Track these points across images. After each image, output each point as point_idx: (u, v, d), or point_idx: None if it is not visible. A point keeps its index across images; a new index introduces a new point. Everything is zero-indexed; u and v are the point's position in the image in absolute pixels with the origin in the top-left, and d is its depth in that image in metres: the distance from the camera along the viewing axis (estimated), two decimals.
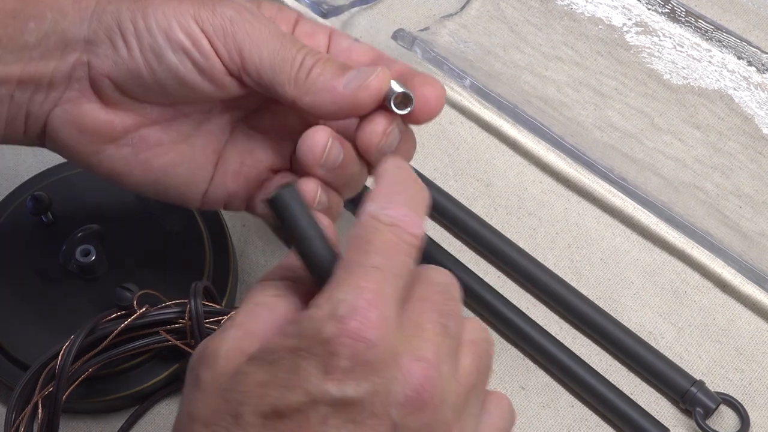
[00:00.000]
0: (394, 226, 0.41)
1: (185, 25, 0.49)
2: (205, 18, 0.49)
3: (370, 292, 0.39)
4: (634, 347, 0.62)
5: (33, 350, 0.59)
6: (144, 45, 0.49)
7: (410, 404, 0.39)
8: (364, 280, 0.39)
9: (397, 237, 0.41)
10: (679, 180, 0.68)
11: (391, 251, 0.41)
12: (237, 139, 0.55)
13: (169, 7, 0.49)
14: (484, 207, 0.69)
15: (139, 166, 0.53)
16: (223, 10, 0.49)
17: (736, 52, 0.72)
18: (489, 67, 0.74)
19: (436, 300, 0.42)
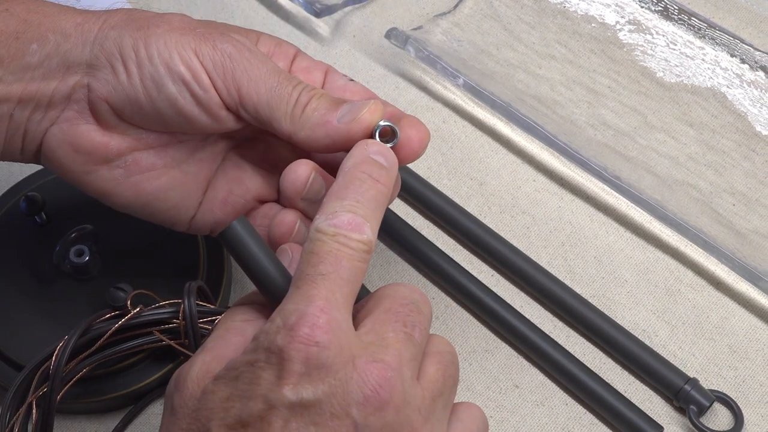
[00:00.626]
0: (337, 235, 0.43)
1: (186, 58, 0.50)
2: (205, 53, 0.50)
3: (319, 298, 0.41)
4: (627, 345, 0.62)
5: (27, 351, 0.59)
6: (144, 73, 0.50)
7: (369, 403, 0.40)
8: (313, 288, 0.42)
9: (342, 244, 0.43)
10: (673, 178, 0.68)
11: (337, 259, 0.43)
12: (227, 168, 0.56)
13: (171, 38, 0.50)
14: (477, 205, 0.69)
15: (130, 188, 0.54)
16: (223, 46, 0.50)
17: (729, 49, 0.72)
18: (482, 65, 0.74)
19: (400, 311, 0.44)
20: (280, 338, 0.40)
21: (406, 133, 0.50)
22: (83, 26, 0.50)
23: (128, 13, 0.51)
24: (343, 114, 0.50)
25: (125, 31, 0.50)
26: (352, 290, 0.43)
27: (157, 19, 0.51)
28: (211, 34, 0.51)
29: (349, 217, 0.44)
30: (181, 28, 0.50)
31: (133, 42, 0.50)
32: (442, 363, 0.45)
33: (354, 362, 0.41)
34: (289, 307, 0.41)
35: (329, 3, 0.77)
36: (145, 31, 0.50)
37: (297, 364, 0.40)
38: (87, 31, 0.50)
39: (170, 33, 0.50)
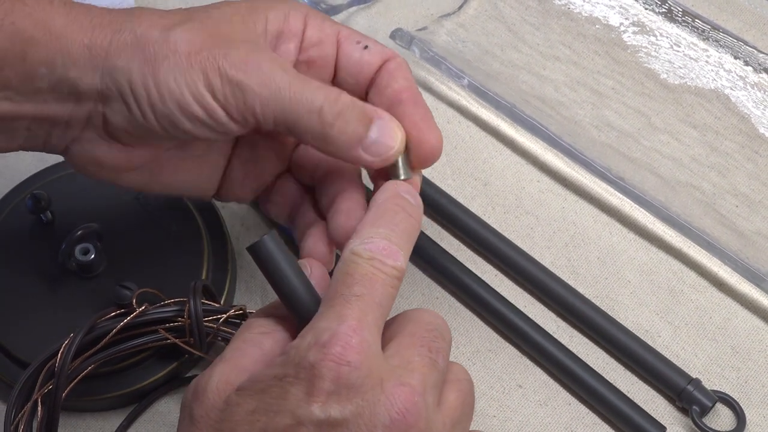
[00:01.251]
0: (373, 259, 0.45)
1: (198, 96, 0.49)
2: (217, 86, 0.49)
3: (352, 318, 0.42)
4: (630, 345, 0.62)
5: (32, 348, 0.59)
6: (158, 112, 0.50)
7: (395, 426, 0.41)
8: (346, 308, 0.42)
9: (377, 269, 0.44)
10: (676, 179, 0.68)
11: (371, 282, 0.44)
12: (242, 151, 0.57)
13: (180, 71, 0.49)
14: (481, 206, 0.69)
15: (156, 183, 0.56)
16: (232, 75, 0.49)
17: (733, 51, 0.72)
18: (487, 66, 0.74)
19: (425, 337, 0.45)
20: (312, 355, 0.41)
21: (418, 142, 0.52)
22: (91, 50, 0.49)
23: (134, 36, 0.49)
24: (371, 143, 0.50)
25: (133, 62, 0.49)
26: (383, 314, 0.44)
27: (164, 46, 0.49)
28: (218, 56, 0.49)
29: (384, 244, 0.45)
30: (188, 53, 0.49)
31: (143, 79, 0.49)
32: (462, 391, 0.46)
33: (382, 385, 0.41)
34: (322, 324, 0.42)
35: (334, 3, 0.77)
36: (152, 65, 0.49)
37: (327, 382, 0.40)
38: (95, 56, 0.49)
39: (178, 65, 0.49)
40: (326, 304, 0.44)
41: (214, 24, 0.51)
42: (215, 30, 0.50)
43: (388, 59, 0.54)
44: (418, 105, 0.53)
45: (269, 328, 0.46)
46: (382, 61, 0.53)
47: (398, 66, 0.54)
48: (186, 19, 0.50)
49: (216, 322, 0.58)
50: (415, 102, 0.53)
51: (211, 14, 0.51)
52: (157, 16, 0.50)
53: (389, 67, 0.54)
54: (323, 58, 0.54)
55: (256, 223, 0.69)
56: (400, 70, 0.54)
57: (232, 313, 0.58)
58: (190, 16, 0.51)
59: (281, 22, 0.53)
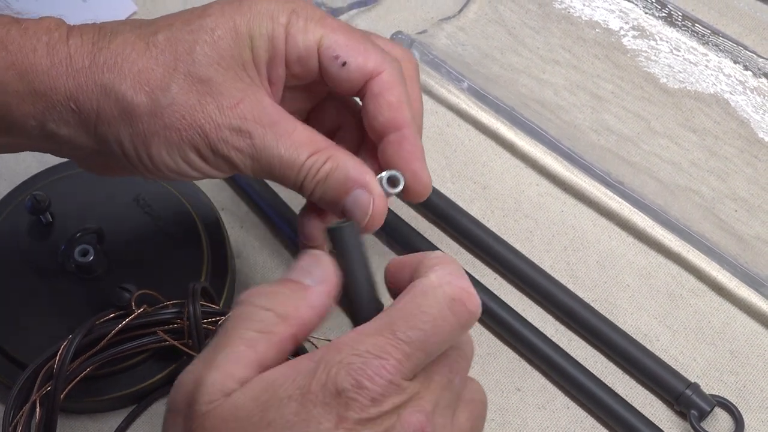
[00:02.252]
0: (457, 301, 0.43)
1: (192, 162, 0.49)
2: (209, 159, 0.49)
3: (394, 360, 0.41)
4: (629, 349, 0.62)
5: (31, 349, 0.59)
6: (153, 172, 0.50)
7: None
8: (394, 347, 0.42)
9: (454, 314, 0.43)
10: (675, 183, 0.68)
11: (437, 330, 0.43)
12: None
13: (172, 147, 0.48)
14: (480, 209, 0.69)
15: None
16: (224, 152, 0.49)
17: (733, 56, 0.72)
18: (486, 70, 0.74)
19: (450, 355, 0.44)
20: (341, 380, 0.40)
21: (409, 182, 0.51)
22: (80, 115, 0.48)
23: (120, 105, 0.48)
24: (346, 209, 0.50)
25: (124, 134, 0.48)
26: (428, 360, 0.43)
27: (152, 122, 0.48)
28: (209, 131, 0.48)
29: (468, 284, 0.44)
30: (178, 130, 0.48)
31: (136, 151, 0.49)
32: (473, 413, 0.46)
33: (400, 414, 0.41)
34: (361, 348, 0.41)
35: (334, 6, 0.77)
36: (143, 140, 0.48)
37: (356, 414, 0.40)
38: (86, 121, 0.48)
39: (170, 141, 0.48)
40: (380, 326, 0.42)
41: (201, 72, 0.48)
42: (204, 84, 0.48)
43: (379, 73, 0.50)
44: (409, 141, 0.51)
45: (268, 327, 0.43)
46: (365, 78, 0.50)
47: (390, 81, 0.51)
48: (171, 67, 0.48)
49: (215, 324, 0.58)
50: (406, 138, 0.51)
51: (196, 56, 0.48)
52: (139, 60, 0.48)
53: (382, 81, 0.50)
54: (309, 73, 0.51)
55: (255, 225, 0.69)
56: (392, 87, 0.50)
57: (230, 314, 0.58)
58: (176, 61, 0.48)
59: (267, 48, 0.49)
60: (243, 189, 0.70)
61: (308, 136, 0.50)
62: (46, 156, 0.69)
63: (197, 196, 0.67)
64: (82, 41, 0.48)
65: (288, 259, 0.68)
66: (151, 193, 0.66)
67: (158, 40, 0.48)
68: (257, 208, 0.70)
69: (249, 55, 0.49)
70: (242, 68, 0.49)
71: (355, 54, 0.50)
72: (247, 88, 0.49)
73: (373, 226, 0.50)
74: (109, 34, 0.49)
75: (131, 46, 0.48)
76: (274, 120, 0.49)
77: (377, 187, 0.50)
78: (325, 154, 0.49)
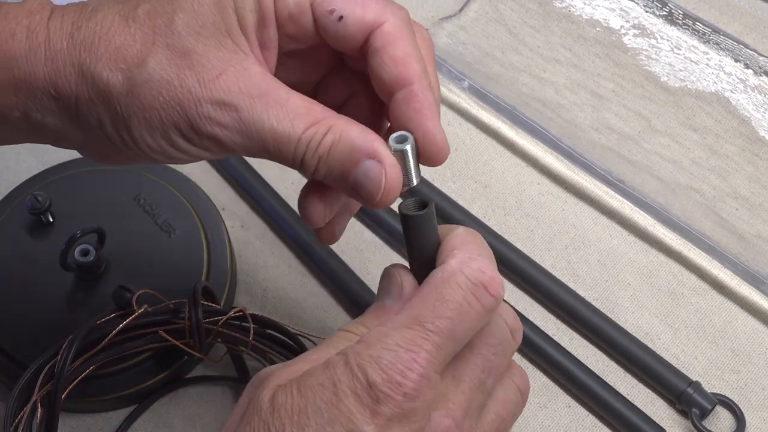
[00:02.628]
0: (478, 286, 0.43)
1: (177, 144, 0.46)
2: (194, 139, 0.45)
3: (425, 352, 0.41)
4: (630, 348, 0.62)
5: (32, 349, 0.59)
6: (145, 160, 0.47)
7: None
8: (423, 339, 0.41)
9: (476, 299, 0.43)
10: (676, 182, 0.68)
11: (462, 316, 0.42)
12: None
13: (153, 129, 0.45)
14: (482, 208, 0.69)
15: None
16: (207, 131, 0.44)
17: (733, 54, 0.72)
18: (487, 69, 0.74)
19: (484, 354, 0.44)
20: (372, 372, 0.40)
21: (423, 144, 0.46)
22: (60, 101, 0.46)
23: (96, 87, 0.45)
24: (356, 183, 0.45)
25: (105, 116, 0.45)
26: (458, 348, 0.43)
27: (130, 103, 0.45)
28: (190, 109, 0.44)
29: (490, 266, 0.44)
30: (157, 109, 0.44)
31: (115, 129, 0.46)
32: (501, 414, 0.45)
33: (430, 416, 0.41)
34: (390, 342, 0.41)
35: None
36: (124, 122, 0.45)
37: (389, 408, 0.40)
38: (62, 95, 0.45)
39: (150, 124, 0.45)
40: (406, 318, 0.42)
41: (180, 43, 0.44)
42: (184, 56, 0.44)
43: (380, 24, 0.45)
44: (417, 98, 0.45)
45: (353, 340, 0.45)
46: (365, 32, 0.45)
47: (393, 33, 0.45)
48: (149, 41, 0.45)
49: (216, 324, 0.58)
50: (414, 94, 0.45)
51: (175, 27, 0.45)
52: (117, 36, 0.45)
53: (384, 34, 0.45)
54: (304, 32, 0.46)
55: (256, 225, 0.69)
56: (396, 39, 0.45)
57: (231, 314, 0.58)
58: (154, 35, 0.45)
59: (253, 8, 0.45)
60: (244, 188, 0.70)
61: (304, 105, 0.45)
62: (46, 156, 0.70)
63: (198, 195, 0.67)
64: (62, 22, 0.45)
65: (289, 259, 0.68)
66: (151, 192, 0.66)
67: (138, 14, 0.45)
68: (258, 207, 0.70)
69: (233, 20, 0.45)
70: (226, 35, 0.45)
71: (352, 5, 0.45)
72: (231, 57, 0.45)
73: (389, 200, 0.45)
74: (88, 12, 0.46)
75: (110, 22, 0.45)
76: (263, 90, 0.44)
77: (389, 156, 0.44)
78: (324, 124, 0.44)
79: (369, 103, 0.49)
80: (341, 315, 0.65)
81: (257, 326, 0.59)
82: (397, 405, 0.40)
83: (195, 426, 0.61)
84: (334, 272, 0.66)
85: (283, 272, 0.67)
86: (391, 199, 0.45)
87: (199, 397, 0.62)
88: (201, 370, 0.63)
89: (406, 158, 0.45)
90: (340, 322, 0.65)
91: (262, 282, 0.67)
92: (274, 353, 0.59)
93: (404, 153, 0.44)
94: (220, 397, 0.62)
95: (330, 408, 0.40)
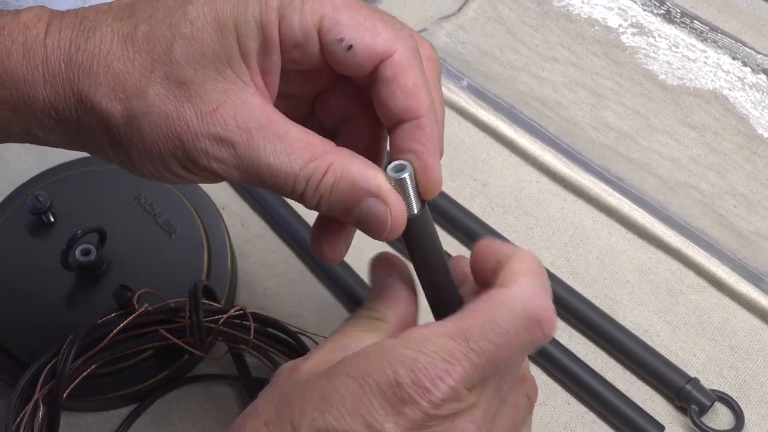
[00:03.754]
0: (534, 322, 0.42)
1: (178, 174, 0.45)
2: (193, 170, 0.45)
3: (461, 368, 0.40)
4: (629, 345, 0.62)
5: (33, 349, 0.59)
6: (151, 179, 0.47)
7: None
8: (463, 356, 0.40)
9: (529, 334, 0.42)
10: (675, 179, 0.68)
11: (511, 347, 0.42)
12: None
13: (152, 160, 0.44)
14: (481, 206, 0.69)
15: None
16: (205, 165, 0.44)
17: (731, 52, 0.73)
18: (486, 67, 0.74)
19: (500, 366, 0.43)
20: (403, 374, 0.40)
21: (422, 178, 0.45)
22: (61, 123, 0.45)
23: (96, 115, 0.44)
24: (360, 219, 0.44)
25: (102, 137, 0.45)
26: (495, 373, 0.42)
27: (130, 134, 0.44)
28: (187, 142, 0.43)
29: (550, 306, 0.43)
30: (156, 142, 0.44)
31: (117, 156, 0.45)
32: (513, 418, 0.45)
33: (454, 422, 0.41)
34: (429, 348, 0.40)
35: None
36: (126, 151, 0.45)
37: (415, 413, 0.40)
38: (63, 119, 0.45)
39: (149, 155, 0.44)
40: (452, 329, 0.41)
41: (179, 73, 0.43)
42: (181, 87, 0.43)
43: (390, 54, 0.44)
44: (424, 133, 0.44)
45: (370, 328, 0.45)
46: (375, 62, 0.44)
47: (403, 63, 0.44)
48: (148, 69, 0.43)
49: (216, 323, 0.58)
50: (422, 128, 0.44)
51: (174, 55, 0.43)
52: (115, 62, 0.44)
53: (394, 64, 0.44)
54: (309, 58, 0.45)
55: (256, 224, 0.69)
56: (406, 70, 0.44)
57: (232, 313, 0.58)
58: (153, 62, 0.43)
59: (256, 36, 0.43)
60: (244, 188, 0.70)
61: (302, 139, 0.43)
62: (47, 156, 0.70)
63: (198, 195, 0.67)
64: (59, 39, 0.44)
65: (288, 257, 0.68)
66: (151, 192, 0.66)
67: (137, 36, 0.44)
68: (258, 206, 0.70)
69: (234, 48, 0.43)
70: (226, 64, 0.43)
71: (362, 34, 0.44)
72: (230, 88, 0.43)
73: (395, 235, 0.44)
74: (87, 30, 0.44)
75: (108, 44, 0.44)
76: (261, 124, 0.43)
77: (391, 192, 0.43)
78: (324, 161, 0.43)
79: (368, 120, 0.48)
80: (341, 313, 0.66)
81: (258, 325, 0.59)
82: (422, 410, 0.40)
83: (196, 424, 0.62)
84: (333, 271, 0.66)
85: (283, 271, 0.67)
86: (397, 233, 0.44)
87: (199, 395, 0.63)
88: (202, 369, 0.64)
89: (405, 187, 0.44)
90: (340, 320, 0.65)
91: (263, 281, 0.67)
92: (275, 351, 0.59)
93: (403, 182, 0.44)
94: (220, 395, 0.63)
95: (353, 399, 0.40)
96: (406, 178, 0.44)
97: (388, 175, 0.44)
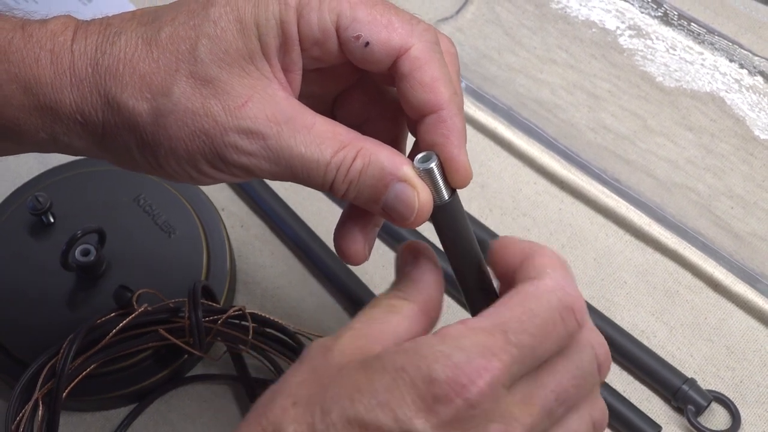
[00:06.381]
0: (568, 309, 0.42)
1: (206, 172, 0.46)
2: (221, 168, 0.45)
3: (499, 362, 0.39)
4: (626, 346, 0.63)
5: (33, 348, 0.59)
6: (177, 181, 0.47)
7: None
8: (501, 351, 0.39)
9: (563, 321, 0.41)
10: (672, 181, 0.68)
11: (547, 335, 0.41)
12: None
13: (179, 160, 0.45)
14: (479, 208, 0.70)
15: None
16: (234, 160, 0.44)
17: (728, 54, 0.73)
18: (484, 69, 0.75)
19: (563, 382, 0.42)
20: (439, 369, 0.39)
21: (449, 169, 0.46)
22: (87, 127, 0.46)
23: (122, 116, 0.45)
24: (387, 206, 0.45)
25: (128, 138, 0.45)
26: (534, 365, 0.41)
27: (156, 133, 0.45)
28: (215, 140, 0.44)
29: (578, 295, 0.42)
30: (183, 140, 0.44)
31: (143, 157, 0.46)
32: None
33: (488, 426, 0.39)
34: (466, 342, 0.39)
35: None
36: (152, 150, 0.45)
37: (448, 410, 0.38)
38: (89, 122, 0.46)
39: (176, 154, 0.45)
40: (490, 323, 0.40)
41: (204, 71, 0.44)
42: (207, 84, 0.44)
43: (406, 49, 0.45)
44: (445, 125, 0.45)
45: (396, 307, 0.44)
46: (392, 57, 0.45)
47: (420, 58, 0.45)
48: (173, 69, 0.44)
49: (215, 323, 0.58)
50: (443, 120, 0.45)
51: (199, 54, 0.44)
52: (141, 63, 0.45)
53: (411, 59, 0.45)
54: (329, 55, 0.46)
55: (255, 225, 0.70)
56: (423, 64, 0.45)
57: (231, 313, 0.59)
58: (177, 62, 0.44)
59: (276, 34, 0.45)
60: (243, 189, 0.71)
61: (330, 129, 0.45)
62: (47, 157, 0.70)
63: (198, 195, 0.68)
64: (85, 45, 0.45)
65: (288, 258, 0.68)
66: (151, 193, 0.66)
67: (161, 38, 0.45)
68: (257, 207, 0.70)
69: (257, 46, 0.44)
70: (249, 61, 0.44)
71: (378, 30, 0.44)
72: (255, 84, 0.44)
73: (422, 220, 0.45)
74: (112, 35, 0.46)
75: (134, 47, 0.45)
76: (289, 116, 0.44)
77: (418, 180, 0.44)
78: (353, 148, 0.44)
79: (388, 121, 0.49)
80: (339, 314, 0.66)
81: (257, 325, 0.59)
82: (455, 408, 0.38)
83: (195, 424, 0.62)
84: (332, 271, 0.66)
85: (282, 271, 0.67)
86: (424, 218, 0.45)
87: (198, 395, 0.63)
88: (201, 369, 0.64)
89: (433, 176, 0.45)
90: (338, 320, 0.66)
91: (262, 281, 0.67)
92: (274, 352, 0.60)
93: (431, 171, 0.45)
94: (219, 395, 0.63)
95: (386, 392, 0.39)
96: (433, 168, 0.44)
97: (415, 166, 0.45)
